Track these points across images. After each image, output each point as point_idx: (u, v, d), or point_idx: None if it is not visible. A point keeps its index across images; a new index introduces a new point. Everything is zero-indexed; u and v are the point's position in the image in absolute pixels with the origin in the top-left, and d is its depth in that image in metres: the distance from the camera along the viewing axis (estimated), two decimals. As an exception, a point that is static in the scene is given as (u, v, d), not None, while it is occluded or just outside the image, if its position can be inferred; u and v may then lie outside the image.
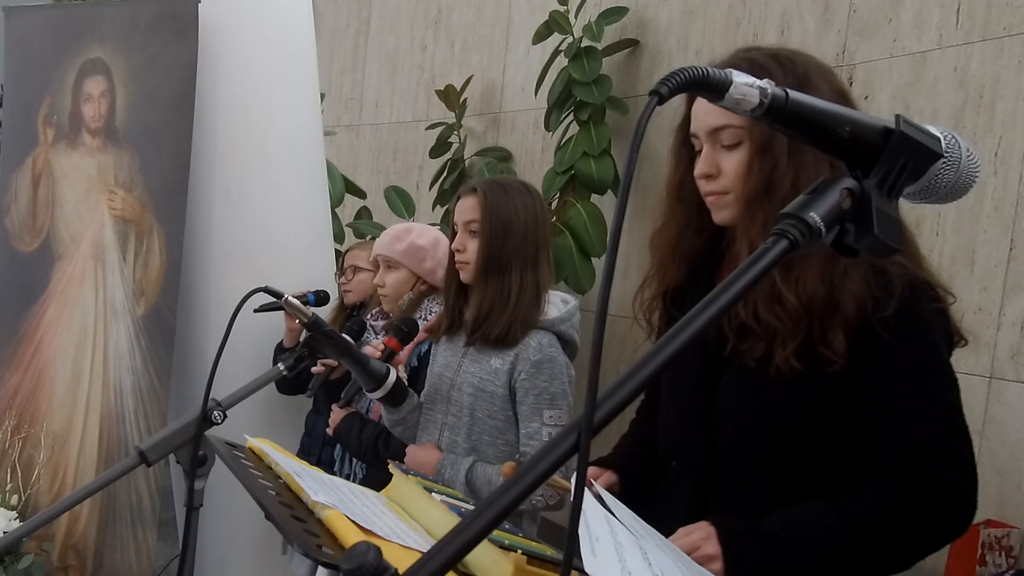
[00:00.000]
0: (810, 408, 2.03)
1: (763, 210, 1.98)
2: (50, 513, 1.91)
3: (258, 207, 4.54)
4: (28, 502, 4.62)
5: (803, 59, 2.08)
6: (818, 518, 1.98)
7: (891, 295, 1.93)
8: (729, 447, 2.13)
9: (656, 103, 1.00)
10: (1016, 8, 4.04)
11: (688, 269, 2.24)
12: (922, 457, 1.95)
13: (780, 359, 1.96)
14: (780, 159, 1.96)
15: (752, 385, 2.06)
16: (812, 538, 1.97)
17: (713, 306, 1.02)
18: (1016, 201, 3.98)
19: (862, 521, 1.94)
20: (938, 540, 2.02)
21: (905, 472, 1.95)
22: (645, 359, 0.99)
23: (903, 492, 1.94)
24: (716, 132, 2.04)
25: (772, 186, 1.97)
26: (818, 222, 1.06)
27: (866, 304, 1.94)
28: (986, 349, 4.05)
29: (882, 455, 1.99)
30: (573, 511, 0.91)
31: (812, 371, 1.95)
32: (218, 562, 4.61)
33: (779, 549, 1.97)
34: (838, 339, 1.93)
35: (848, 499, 1.97)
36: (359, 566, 0.85)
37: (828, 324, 1.94)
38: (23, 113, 4.88)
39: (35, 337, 4.77)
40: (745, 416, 2.10)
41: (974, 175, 1.20)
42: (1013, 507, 3.88)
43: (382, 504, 1.88)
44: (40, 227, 4.81)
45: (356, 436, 3.61)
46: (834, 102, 1.98)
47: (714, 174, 2.05)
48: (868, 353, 1.96)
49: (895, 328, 1.92)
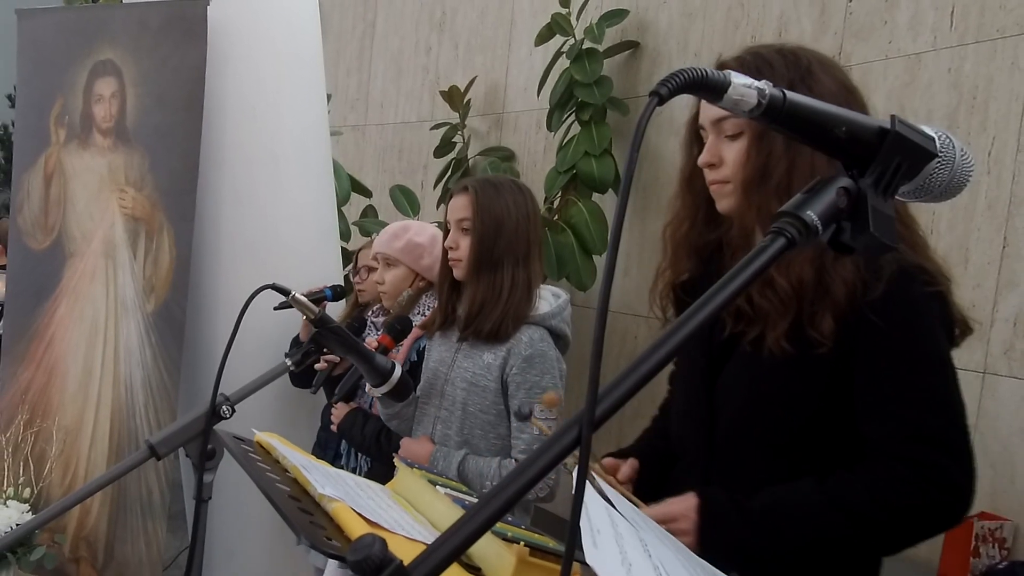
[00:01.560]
0: (806, 392, 2.03)
1: (758, 196, 2.00)
2: (62, 506, 1.91)
3: (266, 205, 4.55)
4: (40, 495, 4.63)
5: (807, 53, 2.08)
6: (802, 497, 1.99)
7: (880, 279, 1.93)
8: (730, 433, 2.14)
9: (656, 104, 1.00)
10: (1009, 11, 4.04)
11: (699, 260, 2.25)
12: (913, 443, 1.94)
13: (771, 340, 1.97)
14: (776, 147, 1.97)
15: (750, 370, 2.07)
16: (792, 515, 1.98)
17: (711, 303, 1.02)
18: (1009, 200, 3.98)
19: (846, 503, 1.94)
20: (928, 527, 2.01)
21: (896, 458, 1.94)
22: (645, 355, 0.99)
23: (892, 477, 1.93)
24: (719, 122, 2.05)
25: (767, 173, 1.98)
26: (815, 220, 1.07)
27: (856, 288, 1.94)
28: (980, 345, 4.05)
29: (874, 440, 1.99)
30: (575, 503, 0.91)
31: (803, 354, 1.96)
32: (227, 554, 4.61)
33: (757, 523, 1.98)
34: (826, 322, 1.94)
35: (836, 481, 1.97)
36: (365, 558, 0.85)
37: (818, 307, 1.95)
38: (35, 113, 4.88)
39: (47, 333, 4.78)
40: (745, 401, 2.11)
41: (968, 174, 1.20)
42: (1006, 500, 3.88)
43: (387, 497, 1.88)
44: (52, 225, 4.81)
45: (359, 431, 3.62)
46: (839, 95, 1.99)
47: (716, 163, 2.07)
48: (859, 337, 1.96)
49: (883, 311, 1.92)
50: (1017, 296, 3.94)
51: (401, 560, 0.85)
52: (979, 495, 2.01)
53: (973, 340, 4.06)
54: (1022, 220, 3.93)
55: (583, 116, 5.81)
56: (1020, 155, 3.96)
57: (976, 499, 2.01)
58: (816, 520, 1.97)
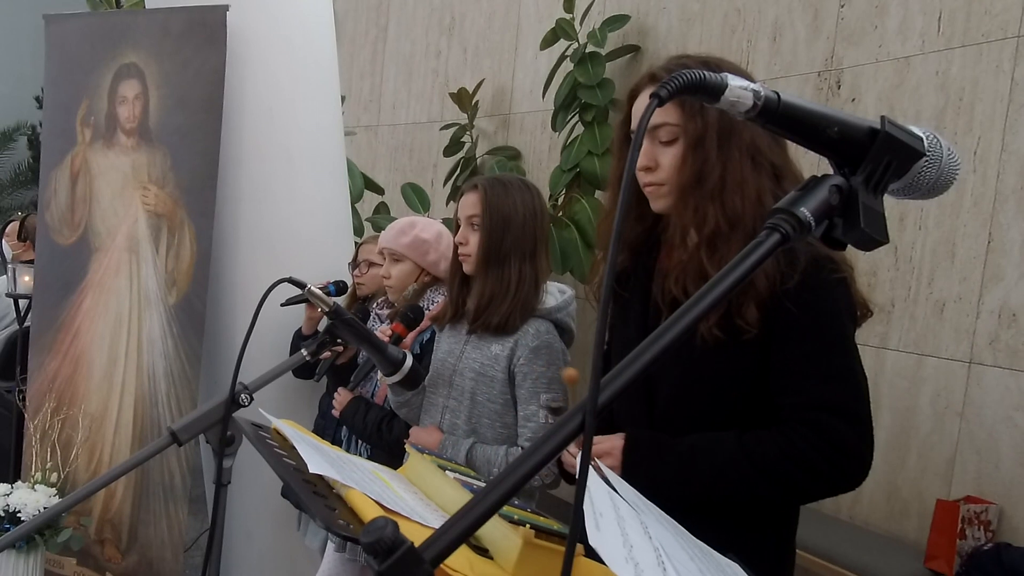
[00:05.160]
0: (734, 373, 2.14)
1: (694, 198, 2.12)
2: (87, 490, 1.91)
3: (282, 202, 4.55)
4: (67, 479, 4.64)
5: (728, 64, 2.16)
6: (720, 445, 2.12)
7: (795, 270, 2.03)
8: (668, 408, 2.24)
9: (656, 105, 1.00)
10: (994, 16, 4.04)
11: (631, 253, 2.36)
12: (819, 411, 2.05)
13: (704, 329, 2.07)
14: (711, 153, 2.08)
15: (683, 353, 2.13)
16: (708, 458, 2.12)
17: (709, 294, 1.03)
18: (994, 197, 3.97)
19: (755, 453, 2.08)
20: (827, 486, 2.11)
21: (803, 423, 2.06)
22: (645, 345, 0.99)
23: (798, 437, 2.05)
24: (655, 130, 2.14)
25: (703, 177, 2.09)
26: (808, 217, 1.07)
27: (775, 279, 2.04)
28: (966, 336, 4.05)
29: (786, 409, 2.09)
30: (578, 488, 0.91)
31: (731, 339, 2.07)
32: (245, 536, 4.62)
33: (675, 462, 2.13)
34: (751, 311, 2.05)
35: (752, 437, 2.10)
36: (377, 540, 0.85)
37: (743, 298, 2.05)
38: (62, 115, 4.89)
39: (74, 325, 4.78)
40: (679, 379, 2.20)
41: (954, 173, 1.20)
42: (991, 484, 3.88)
43: (398, 482, 1.88)
44: (78, 221, 4.81)
45: (361, 419, 3.62)
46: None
47: (652, 167, 2.16)
48: (775, 322, 2.06)
49: (796, 298, 2.03)
50: (1002, 289, 3.93)
51: (412, 542, 0.85)
52: (965, 480, 2.05)
53: (959, 331, 4.08)
54: (1006, 216, 3.93)
55: (586, 117, 5.81)
56: (1004, 154, 3.95)
57: (962, 483, 2.05)
58: (728, 465, 2.10)
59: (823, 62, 4.80)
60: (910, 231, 4.26)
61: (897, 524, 4.20)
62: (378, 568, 0.84)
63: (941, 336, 4.17)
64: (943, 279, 4.12)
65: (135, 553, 4.56)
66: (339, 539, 2.62)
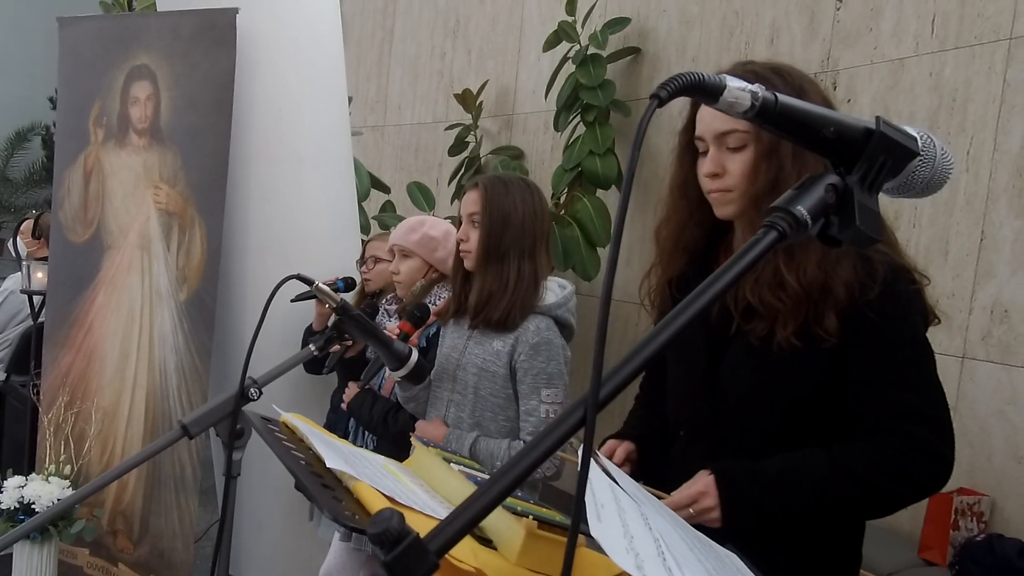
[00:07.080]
0: (807, 381, 2.09)
1: (768, 206, 2.03)
2: (100, 482, 1.91)
3: (290, 201, 4.55)
4: (80, 472, 4.64)
5: (797, 72, 2.12)
6: (813, 462, 2.05)
7: (875, 280, 1.98)
8: (735, 416, 2.19)
9: (656, 106, 1.00)
10: (987, 19, 4.03)
11: (689, 258, 2.29)
12: (904, 420, 2.01)
13: (781, 337, 2.02)
14: (785, 161, 2.02)
15: (755, 360, 2.11)
16: (805, 479, 2.04)
17: (710, 290, 1.02)
18: (986, 196, 3.97)
19: (851, 468, 2.01)
20: (918, 491, 2.08)
21: (890, 432, 2.01)
22: (646, 340, 0.99)
23: (888, 447, 2.00)
24: (723, 136, 2.08)
25: (778, 185, 2.01)
26: (804, 215, 1.07)
27: (854, 288, 1.99)
28: (959, 331, 4.05)
29: (869, 419, 2.04)
30: (580, 480, 0.91)
31: (808, 348, 2.02)
32: (255, 527, 4.63)
33: (774, 488, 2.04)
34: (831, 320, 2.00)
35: (841, 449, 2.04)
36: (384, 530, 0.85)
37: (822, 307, 2.00)
38: (76, 115, 4.89)
39: (87, 320, 4.79)
40: (750, 388, 2.15)
41: (948, 172, 1.20)
42: (983, 476, 3.89)
43: (404, 474, 1.88)
44: (91, 219, 4.82)
45: (368, 411, 3.62)
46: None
47: (720, 173, 2.10)
48: (856, 332, 2.01)
49: (878, 309, 1.98)
50: (994, 286, 3.93)
51: (418, 533, 0.85)
52: (958, 472, 2.06)
53: (953, 327, 4.07)
54: (999, 215, 3.93)
55: (588, 117, 5.81)
56: (997, 154, 3.95)
57: (955, 476, 2.06)
58: (826, 483, 2.03)
59: (819, 64, 4.79)
60: (905, 229, 4.26)
61: (891, 515, 4.20)
62: (384, 558, 0.84)
63: (935, 332, 4.16)
64: (937, 276, 4.12)
65: (147, 544, 4.56)
66: (345, 529, 2.62)
